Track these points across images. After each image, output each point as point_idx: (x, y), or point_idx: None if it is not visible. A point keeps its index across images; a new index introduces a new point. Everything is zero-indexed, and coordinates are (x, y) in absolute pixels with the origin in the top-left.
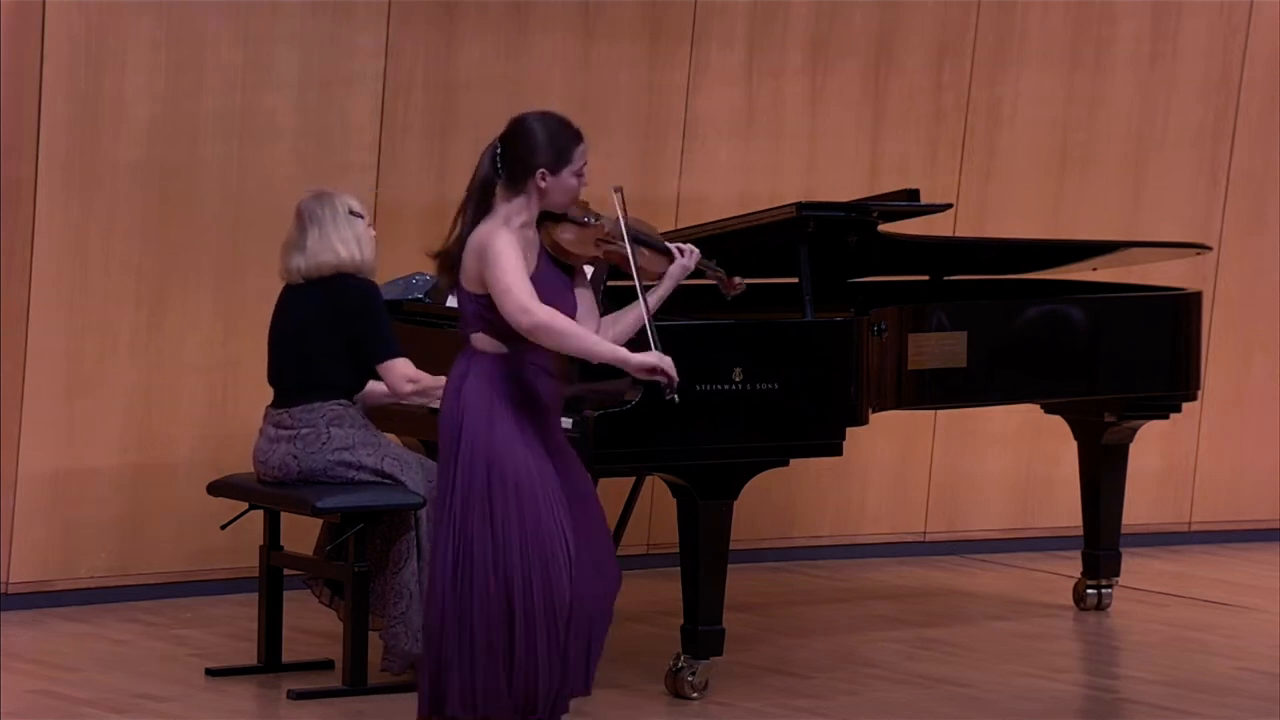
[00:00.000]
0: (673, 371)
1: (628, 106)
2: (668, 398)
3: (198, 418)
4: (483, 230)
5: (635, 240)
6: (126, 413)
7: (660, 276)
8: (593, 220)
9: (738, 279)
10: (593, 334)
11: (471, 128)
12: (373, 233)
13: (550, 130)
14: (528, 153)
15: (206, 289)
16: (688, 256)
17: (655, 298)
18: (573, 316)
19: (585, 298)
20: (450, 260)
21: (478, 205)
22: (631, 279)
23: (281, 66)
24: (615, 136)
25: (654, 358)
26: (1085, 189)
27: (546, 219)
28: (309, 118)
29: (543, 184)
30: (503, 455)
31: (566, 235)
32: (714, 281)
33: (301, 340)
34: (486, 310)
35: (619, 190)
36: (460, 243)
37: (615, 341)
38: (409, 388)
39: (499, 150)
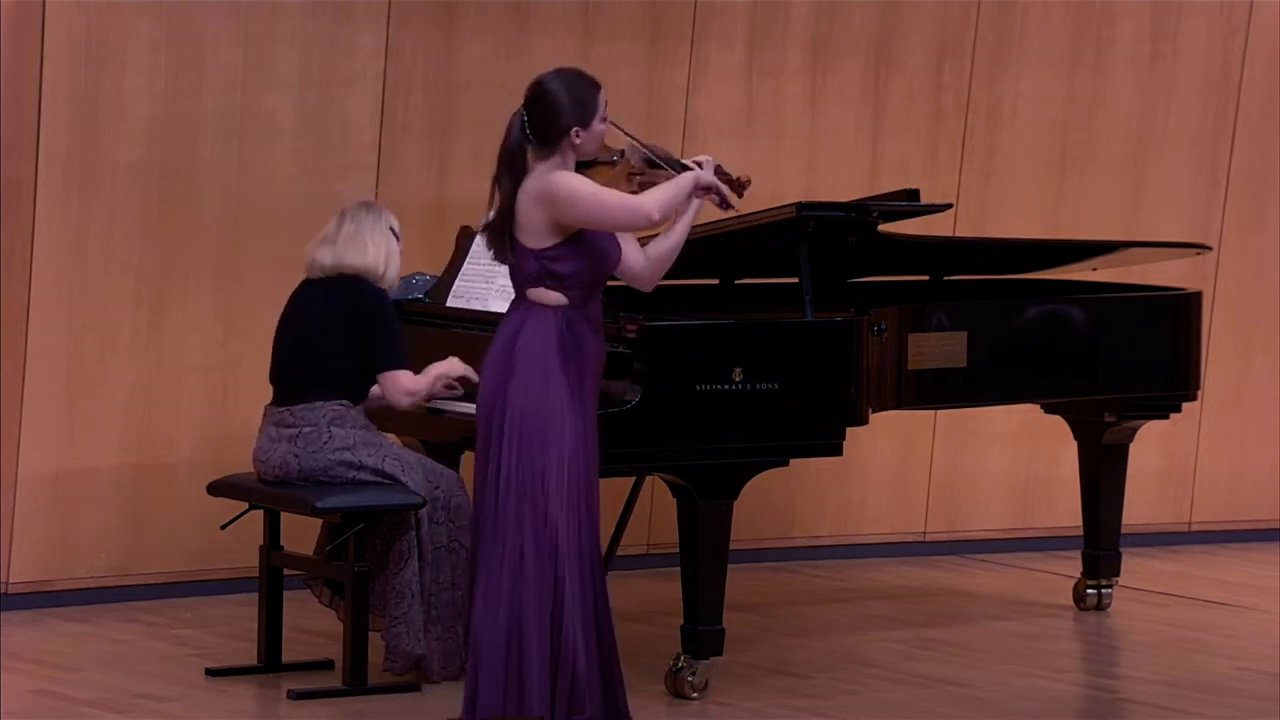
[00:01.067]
0: (724, 187)
1: (628, 106)
2: (728, 207)
3: (198, 418)
4: (534, 181)
5: (665, 163)
6: (126, 413)
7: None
8: (617, 157)
9: (745, 176)
10: (661, 185)
11: (471, 128)
12: (400, 259)
13: (571, 87)
14: (556, 115)
15: (206, 289)
16: (706, 167)
17: (690, 213)
18: (619, 255)
19: (628, 234)
20: (499, 231)
21: (512, 171)
22: None
23: (281, 66)
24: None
25: (707, 175)
26: (1085, 189)
27: (579, 168)
28: (309, 118)
29: (577, 140)
30: (552, 409)
31: (602, 180)
32: (728, 184)
33: (313, 337)
34: (552, 262)
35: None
36: (505, 211)
37: (662, 261)
38: (406, 401)
39: (526, 118)
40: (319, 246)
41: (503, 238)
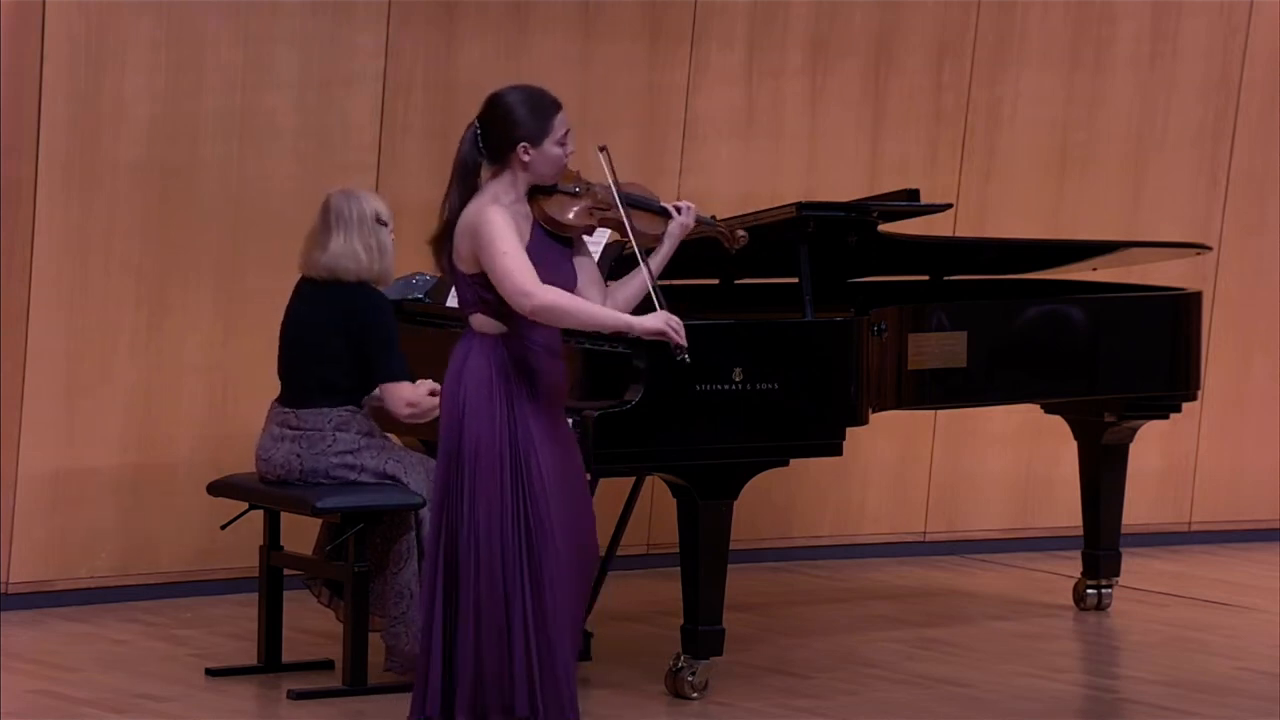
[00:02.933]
0: (680, 332)
1: (628, 106)
2: (678, 359)
3: (198, 418)
4: (472, 209)
5: (629, 203)
6: (126, 413)
7: (659, 238)
8: (583, 189)
9: (740, 232)
10: (595, 305)
11: None
12: (392, 239)
13: (528, 103)
14: (507, 128)
15: (206, 289)
16: (685, 214)
17: (658, 259)
18: (572, 287)
19: (586, 266)
20: (439, 245)
21: (463, 187)
22: (629, 244)
23: (281, 66)
24: (615, 136)
25: (660, 320)
26: (1085, 189)
27: (537, 192)
28: (309, 118)
29: (526, 158)
30: (505, 444)
31: (557, 207)
32: (714, 237)
33: (314, 344)
34: (484, 290)
35: (604, 149)
36: (450, 226)
37: (622, 308)
38: (407, 411)
39: (479, 130)
40: (312, 248)
41: (442, 253)
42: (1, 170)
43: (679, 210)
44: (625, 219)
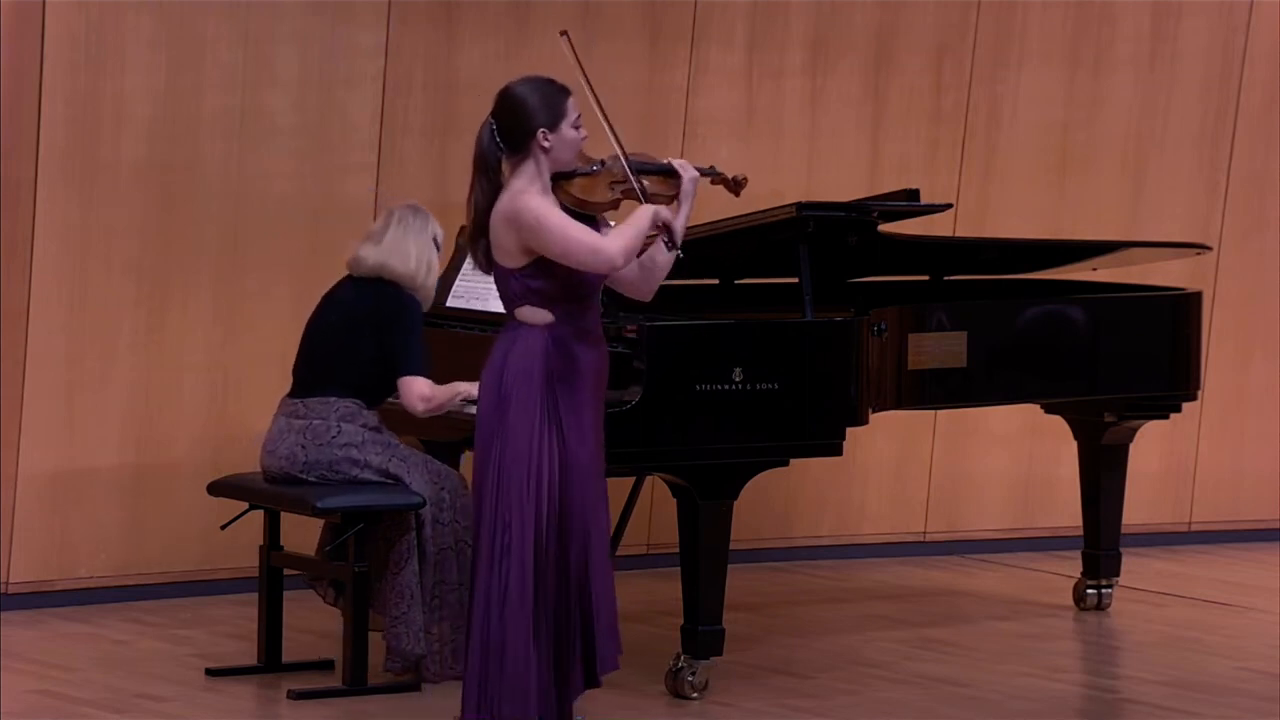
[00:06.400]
0: (672, 224)
1: (628, 106)
2: (671, 251)
3: (198, 418)
4: (505, 202)
5: (640, 170)
6: (126, 413)
7: (675, 198)
8: (598, 166)
9: (742, 176)
10: (627, 224)
11: (471, 128)
12: (438, 270)
13: (538, 91)
14: (524, 118)
15: (206, 289)
16: (684, 171)
17: (680, 222)
18: None
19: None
20: (474, 242)
21: (487, 183)
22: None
23: (281, 66)
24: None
25: (665, 211)
26: (1085, 189)
27: (559, 178)
28: (309, 118)
29: (546, 143)
30: (543, 436)
31: (580, 189)
32: (721, 185)
33: (338, 335)
34: (531, 279)
35: (565, 34)
36: (480, 222)
37: (657, 267)
38: (421, 406)
39: (495, 125)
40: (364, 244)
41: (478, 250)
42: (1, 170)
43: (684, 168)
44: (636, 185)
